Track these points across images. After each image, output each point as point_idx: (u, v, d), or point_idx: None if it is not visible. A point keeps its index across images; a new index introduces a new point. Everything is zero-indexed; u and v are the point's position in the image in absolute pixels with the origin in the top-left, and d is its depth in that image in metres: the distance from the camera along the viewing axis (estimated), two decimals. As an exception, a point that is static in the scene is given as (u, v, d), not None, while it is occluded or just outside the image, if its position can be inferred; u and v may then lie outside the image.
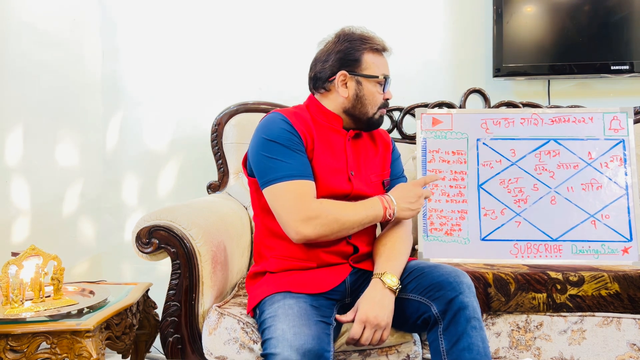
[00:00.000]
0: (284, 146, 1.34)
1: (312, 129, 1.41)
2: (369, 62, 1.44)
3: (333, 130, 1.46)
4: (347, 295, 1.42)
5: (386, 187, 1.53)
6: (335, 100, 1.46)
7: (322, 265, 1.40)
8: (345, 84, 1.44)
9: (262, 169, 1.36)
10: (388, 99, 1.48)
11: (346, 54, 1.44)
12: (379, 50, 1.46)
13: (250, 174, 1.45)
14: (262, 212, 1.43)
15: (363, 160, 1.49)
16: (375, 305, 1.27)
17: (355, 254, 1.42)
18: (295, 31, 2.35)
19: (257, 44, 2.36)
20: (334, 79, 1.44)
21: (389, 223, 1.48)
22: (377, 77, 1.44)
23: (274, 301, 1.29)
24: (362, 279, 1.42)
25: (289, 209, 1.31)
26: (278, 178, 1.32)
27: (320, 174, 1.39)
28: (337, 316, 1.32)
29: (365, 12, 2.33)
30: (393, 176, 1.55)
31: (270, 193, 1.34)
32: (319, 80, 1.47)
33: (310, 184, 1.34)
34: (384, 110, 1.49)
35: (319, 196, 1.36)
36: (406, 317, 1.35)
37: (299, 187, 1.32)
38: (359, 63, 1.44)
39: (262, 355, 1.20)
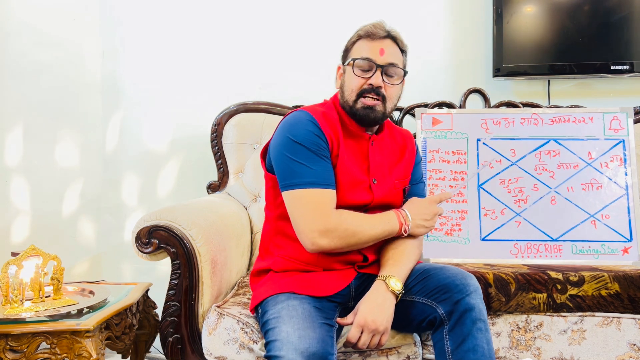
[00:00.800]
0: (310, 150, 1.30)
1: (339, 132, 1.37)
2: (355, 49, 1.39)
3: (358, 135, 1.42)
4: (350, 298, 1.40)
5: (406, 194, 1.49)
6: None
7: (327, 270, 1.38)
8: (340, 77, 1.43)
9: (284, 171, 1.32)
10: (372, 84, 1.35)
11: (344, 47, 1.43)
12: (366, 35, 1.38)
13: (269, 169, 1.42)
14: (276, 209, 1.41)
15: (387, 166, 1.44)
16: (375, 309, 1.26)
17: (364, 262, 1.40)
18: (295, 31, 2.35)
19: (257, 44, 2.36)
20: None
21: None
22: (354, 59, 1.37)
23: (277, 302, 1.28)
24: (367, 283, 1.39)
25: (307, 218, 1.28)
26: (300, 184, 1.29)
27: (342, 181, 1.35)
28: (338, 319, 1.31)
29: (365, 12, 2.32)
30: (413, 181, 1.51)
31: (290, 198, 1.31)
32: None
33: (332, 194, 1.31)
34: (368, 101, 1.35)
35: (338, 204, 1.33)
36: (410, 319, 1.34)
37: (320, 196, 1.29)
38: (349, 52, 1.41)
39: (265, 357, 1.19)
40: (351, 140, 1.40)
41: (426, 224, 1.39)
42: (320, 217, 1.27)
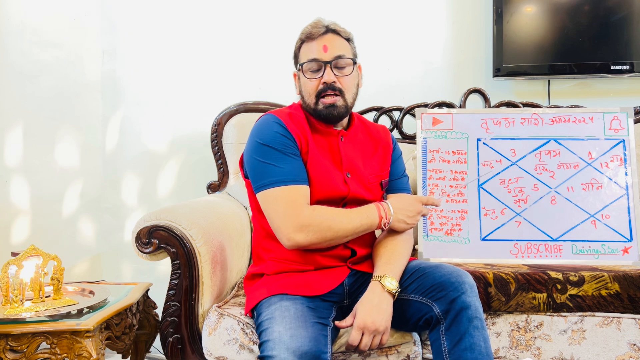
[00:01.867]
0: (277, 150, 1.33)
1: (306, 131, 1.40)
2: (302, 54, 1.43)
3: (326, 131, 1.44)
4: (345, 297, 1.41)
5: (384, 188, 1.51)
6: None
7: (320, 268, 1.39)
8: (298, 82, 1.47)
9: (255, 173, 1.35)
10: (326, 82, 1.37)
11: (293, 54, 1.48)
12: (307, 37, 1.41)
13: (246, 176, 1.45)
14: (259, 213, 1.42)
15: (361, 161, 1.46)
16: (374, 310, 1.26)
17: (352, 257, 1.41)
18: (295, 31, 2.34)
19: (257, 44, 2.36)
20: None
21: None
22: (302, 64, 1.40)
23: (271, 303, 1.29)
24: (360, 281, 1.41)
25: (281, 215, 1.30)
26: (271, 183, 1.32)
27: (315, 177, 1.37)
28: (336, 322, 1.31)
29: (365, 12, 2.33)
30: (393, 176, 1.53)
31: (263, 198, 1.34)
32: None
33: (304, 189, 1.33)
34: (327, 100, 1.37)
35: (314, 200, 1.35)
36: (407, 318, 1.34)
37: (292, 192, 1.31)
38: (297, 58, 1.45)
39: (259, 357, 1.19)
40: (320, 137, 1.42)
41: (408, 220, 1.39)
42: (293, 213, 1.29)
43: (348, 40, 1.44)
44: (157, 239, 1.49)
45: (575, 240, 1.75)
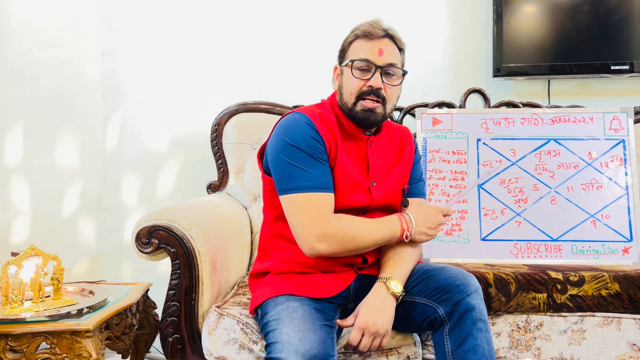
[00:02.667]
0: (307, 154, 1.28)
1: (336, 134, 1.35)
2: (352, 49, 1.36)
3: (356, 136, 1.39)
4: (350, 300, 1.39)
5: (405, 194, 1.47)
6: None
7: (327, 272, 1.37)
8: (338, 77, 1.41)
9: (281, 175, 1.31)
10: (372, 86, 1.33)
11: (341, 47, 1.40)
12: (364, 35, 1.35)
13: (266, 171, 1.41)
14: (274, 211, 1.40)
15: (386, 167, 1.42)
16: (376, 312, 1.25)
17: (363, 264, 1.39)
18: (295, 31, 2.35)
19: (257, 44, 2.36)
20: None
21: None
22: (353, 61, 1.34)
23: (277, 303, 1.27)
24: (367, 284, 1.38)
25: (305, 222, 1.27)
26: (297, 188, 1.28)
27: (340, 184, 1.33)
28: (338, 321, 1.31)
29: (365, 12, 2.32)
30: (412, 180, 1.48)
31: (288, 202, 1.30)
32: None
33: (330, 198, 1.30)
34: (368, 103, 1.33)
35: (337, 207, 1.32)
36: (411, 320, 1.34)
37: (318, 200, 1.27)
38: (345, 53, 1.38)
39: (266, 358, 1.18)
40: (349, 142, 1.38)
41: (429, 232, 1.36)
42: (318, 222, 1.26)
43: (401, 50, 1.39)
44: (157, 239, 1.49)
45: (575, 241, 1.75)
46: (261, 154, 1.44)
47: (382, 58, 1.34)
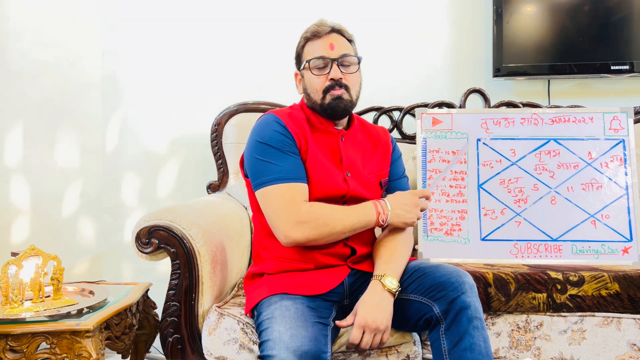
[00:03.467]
0: (276, 149, 1.34)
1: (306, 130, 1.41)
2: (306, 52, 1.45)
3: (326, 131, 1.45)
4: (345, 296, 1.41)
5: (384, 188, 1.51)
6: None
7: (320, 267, 1.39)
8: (300, 82, 1.48)
9: (254, 171, 1.37)
10: (333, 79, 1.40)
11: (295, 54, 1.50)
12: (311, 37, 1.44)
13: (246, 175, 1.46)
14: (259, 213, 1.42)
15: (360, 160, 1.47)
16: (374, 309, 1.26)
17: (352, 256, 1.42)
18: (295, 31, 2.34)
19: (257, 44, 2.36)
20: None
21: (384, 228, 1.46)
22: (308, 61, 1.42)
23: (271, 303, 1.29)
24: (361, 280, 1.41)
25: (278, 212, 1.31)
26: (269, 181, 1.33)
27: (314, 175, 1.38)
28: (337, 322, 1.31)
29: (365, 12, 2.33)
30: (393, 176, 1.53)
31: (262, 196, 1.35)
32: None
33: (302, 187, 1.34)
34: (336, 92, 1.40)
35: (313, 198, 1.36)
36: (407, 318, 1.34)
37: (290, 190, 1.32)
38: (301, 58, 1.47)
39: (259, 357, 1.20)
40: (320, 136, 1.43)
41: (407, 214, 1.37)
42: (291, 210, 1.29)
43: (350, 41, 1.47)
44: (157, 239, 1.49)
45: (575, 240, 1.75)
46: (242, 162, 1.48)
47: (334, 51, 1.42)
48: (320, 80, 1.41)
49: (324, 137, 1.44)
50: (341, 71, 1.41)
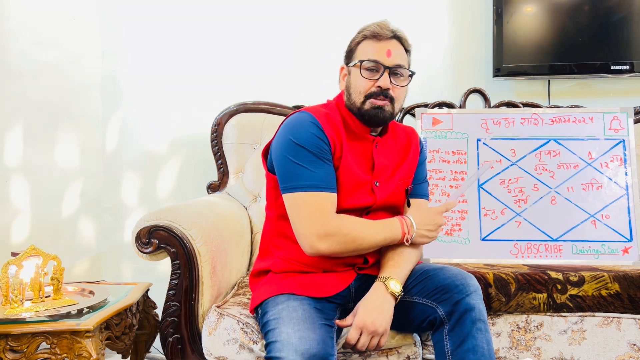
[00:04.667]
0: (312, 153, 1.29)
1: (342, 134, 1.35)
2: (360, 50, 1.37)
3: (361, 136, 1.39)
4: (350, 300, 1.39)
5: (408, 194, 1.47)
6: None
7: (327, 271, 1.37)
8: (345, 78, 1.41)
9: (285, 173, 1.31)
10: (380, 87, 1.34)
11: (348, 47, 1.41)
12: (372, 36, 1.36)
13: (270, 170, 1.41)
14: (277, 210, 1.40)
15: (391, 168, 1.42)
16: (374, 311, 1.25)
17: (364, 264, 1.40)
18: (295, 31, 2.35)
19: (257, 44, 2.36)
20: None
21: None
22: (362, 61, 1.34)
23: (277, 302, 1.28)
24: (367, 284, 1.37)
25: (307, 221, 1.27)
26: (300, 187, 1.28)
27: (344, 184, 1.34)
28: (337, 321, 1.31)
29: (365, 12, 2.32)
30: (416, 180, 1.48)
31: (290, 200, 1.30)
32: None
33: (332, 197, 1.30)
34: (377, 101, 1.34)
35: (340, 207, 1.32)
36: (410, 320, 1.34)
37: (320, 200, 1.28)
38: (353, 53, 1.39)
39: (266, 358, 1.19)
40: (355, 142, 1.38)
41: (429, 234, 1.37)
42: (319, 221, 1.26)
43: (408, 51, 1.41)
44: (157, 239, 1.49)
45: (575, 241, 1.75)
46: (265, 152, 1.44)
47: (390, 59, 1.34)
48: (367, 84, 1.34)
49: (358, 143, 1.39)
50: (391, 81, 1.35)
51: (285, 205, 1.33)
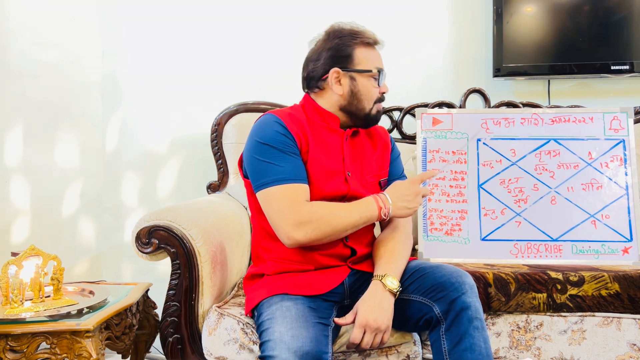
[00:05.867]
0: (277, 149, 1.33)
1: (306, 130, 1.40)
2: (361, 57, 1.42)
3: (330, 130, 1.44)
4: (346, 297, 1.41)
5: (383, 188, 1.50)
6: (331, 98, 1.44)
7: (320, 268, 1.39)
8: (339, 81, 1.42)
9: (255, 172, 1.35)
10: (384, 93, 1.46)
11: (337, 50, 1.42)
12: (371, 43, 1.44)
13: (245, 176, 1.45)
14: (259, 214, 1.42)
15: (360, 160, 1.47)
16: (375, 309, 1.26)
17: (352, 257, 1.41)
18: (294, 31, 2.35)
19: (257, 44, 2.36)
20: (327, 77, 1.43)
21: (386, 223, 1.47)
22: (371, 71, 1.42)
23: (272, 303, 1.29)
24: (361, 280, 1.41)
25: (280, 213, 1.30)
26: (270, 182, 1.32)
27: (315, 175, 1.37)
28: (336, 320, 1.31)
29: (365, 12, 2.33)
30: (392, 176, 1.53)
31: (263, 197, 1.34)
32: (312, 80, 1.46)
33: (303, 187, 1.33)
34: (381, 105, 1.47)
35: (314, 198, 1.35)
36: (407, 318, 1.34)
37: (291, 191, 1.31)
38: (351, 58, 1.42)
39: (259, 357, 1.20)
40: (322, 137, 1.43)
41: (408, 205, 1.36)
42: (292, 211, 1.29)
43: None
44: (157, 239, 1.49)
45: (575, 241, 1.75)
46: (241, 162, 1.47)
47: (383, 65, 1.47)
48: (377, 92, 1.45)
49: (326, 136, 1.43)
50: None
51: (259, 203, 1.36)
